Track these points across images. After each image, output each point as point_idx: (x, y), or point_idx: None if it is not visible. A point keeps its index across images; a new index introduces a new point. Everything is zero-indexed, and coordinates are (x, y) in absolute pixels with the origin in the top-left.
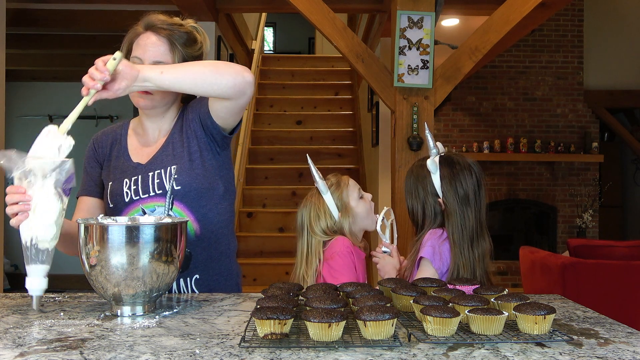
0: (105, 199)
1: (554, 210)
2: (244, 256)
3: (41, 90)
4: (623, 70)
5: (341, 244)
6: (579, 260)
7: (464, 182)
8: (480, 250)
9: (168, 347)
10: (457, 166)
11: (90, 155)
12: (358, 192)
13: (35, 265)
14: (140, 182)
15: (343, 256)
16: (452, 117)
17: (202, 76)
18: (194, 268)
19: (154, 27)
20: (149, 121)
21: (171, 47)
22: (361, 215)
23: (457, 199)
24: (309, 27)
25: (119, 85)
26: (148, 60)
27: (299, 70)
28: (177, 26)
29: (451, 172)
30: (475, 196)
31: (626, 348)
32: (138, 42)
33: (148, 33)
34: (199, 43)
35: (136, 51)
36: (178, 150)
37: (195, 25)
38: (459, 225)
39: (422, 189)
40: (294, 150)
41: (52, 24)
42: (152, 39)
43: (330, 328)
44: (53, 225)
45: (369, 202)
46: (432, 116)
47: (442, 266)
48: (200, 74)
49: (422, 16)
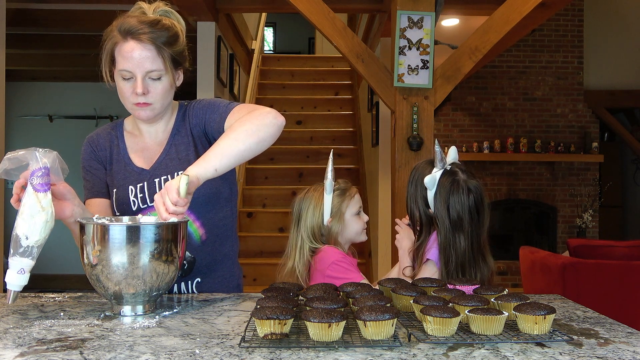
0: (112, 207)
1: (554, 210)
2: (244, 256)
3: (41, 90)
4: (623, 70)
5: (332, 253)
6: (579, 260)
7: (459, 204)
8: (477, 277)
9: (168, 347)
10: (455, 185)
11: (89, 157)
12: (358, 208)
13: (19, 258)
14: (146, 190)
15: (340, 262)
16: (452, 117)
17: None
18: (196, 271)
19: (133, 33)
20: (144, 124)
21: (158, 51)
22: (349, 229)
23: (448, 220)
24: (309, 27)
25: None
26: (140, 73)
27: (299, 70)
28: (154, 26)
29: (448, 191)
30: (472, 219)
31: (626, 348)
32: (122, 53)
33: (130, 42)
34: (180, 37)
35: (123, 64)
36: (183, 155)
37: (166, 9)
38: (449, 249)
39: (420, 197)
40: (294, 150)
41: (52, 24)
42: (138, 50)
43: (330, 328)
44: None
45: (363, 222)
46: (432, 116)
47: None
48: (249, 149)
49: (422, 16)
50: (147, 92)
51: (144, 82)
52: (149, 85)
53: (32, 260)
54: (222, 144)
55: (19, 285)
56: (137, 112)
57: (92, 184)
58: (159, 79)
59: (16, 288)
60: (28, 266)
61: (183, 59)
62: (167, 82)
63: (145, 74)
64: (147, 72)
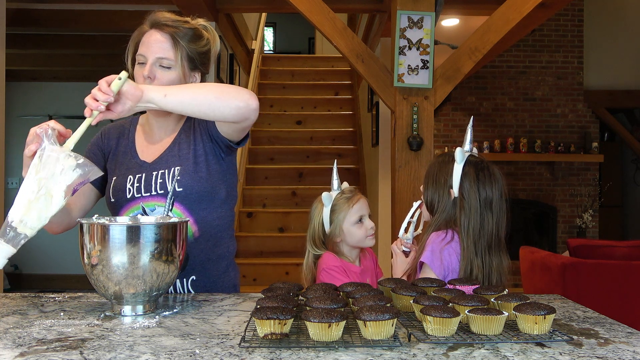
0: (108, 193)
1: (554, 210)
2: (244, 256)
3: (41, 90)
4: (623, 70)
5: (327, 259)
6: (579, 260)
7: (489, 188)
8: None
9: (168, 347)
10: (486, 171)
11: (95, 143)
12: (358, 217)
13: (4, 245)
14: (143, 180)
15: (330, 269)
16: (452, 117)
17: (207, 101)
18: (190, 269)
19: (158, 24)
20: (156, 120)
21: (174, 43)
22: (352, 238)
23: (478, 198)
24: (309, 27)
25: (122, 107)
26: (151, 57)
27: (299, 70)
28: (182, 23)
29: (476, 174)
30: (500, 206)
31: (626, 348)
32: (143, 40)
33: (152, 31)
34: (204, 39)
35: (141, 49)
36: (184, 152)
37: (205, 24)
38: (477, 223)
39: (442, 177)
40: (294, 150)
41: (52, 24)
42: (155, 36)
43: (330, 328)
44: (46, 220)
45: (368, 229)
46: (432, 116)
47: (444, 270)
48: (205, 98)
49: (422, 16)
50: (154, 77)
51: (153, 67)
52: (157, 72)
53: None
54: (186, 85)
55: None
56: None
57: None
58: (168, 68)
59: None
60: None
61: (201, 62)
62: (176, 75)
63: (155, 60)
64: (158, 59)
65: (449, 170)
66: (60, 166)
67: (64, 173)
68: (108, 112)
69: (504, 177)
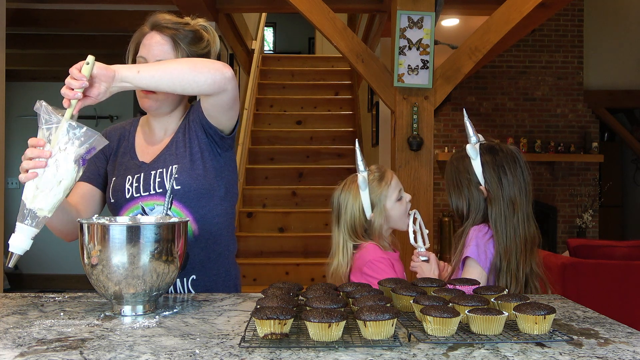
0: (108, 194)
1: (554, 210)
2: (244, 256)
3: (41, 90)
4: (623, 70)
5: (372, 253)
6: (579, 260)
7: (509, 170)
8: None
9: (168, 347)
10: (501, 153)
11: None
12: (398, 193)
13: (27, 226)
14: (142, 180)
15: (378, 262)
16: (452, 117)
17: (180, 74)
18: (190, 268)
19: (158, 26)
20: (155, 121)
21: (174, 46)
22: (394, 218)
23: (500, 185)
24: (309, 27)
25: (98, 90)
26: (151, 59)
27: (298, 70)
28: (182, 25)
29: (494, 159)
30: (526, 186)
31: (626, 348)
32: (143, 42)
33: (153, 32)
34: (205, 41)
35: (141, 51)
36: (180, 150)
37: (205, 24)
38: (502, 212)
39: (464, 180)
40: (294, 150)
41: (52, 24)
42: (155, 38)
43: (330, 328)
44: (61, 194)
45: (406, 203)
46: (432, 116)
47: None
48: (178, 72)
49: (422, 16)
50: None
51: None
52: None
53: (38, 230)
54: (159, 62)
55: (22, 249)
56: (142, 100)
57: (86, 167)
58: None
59: (19, 251)
60: (33, 234)
61: None
62: None
63: (154, 61)
64: (157, 60)
65: (467, 169)
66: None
67: (73, 144)
68: (86, 98)
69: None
